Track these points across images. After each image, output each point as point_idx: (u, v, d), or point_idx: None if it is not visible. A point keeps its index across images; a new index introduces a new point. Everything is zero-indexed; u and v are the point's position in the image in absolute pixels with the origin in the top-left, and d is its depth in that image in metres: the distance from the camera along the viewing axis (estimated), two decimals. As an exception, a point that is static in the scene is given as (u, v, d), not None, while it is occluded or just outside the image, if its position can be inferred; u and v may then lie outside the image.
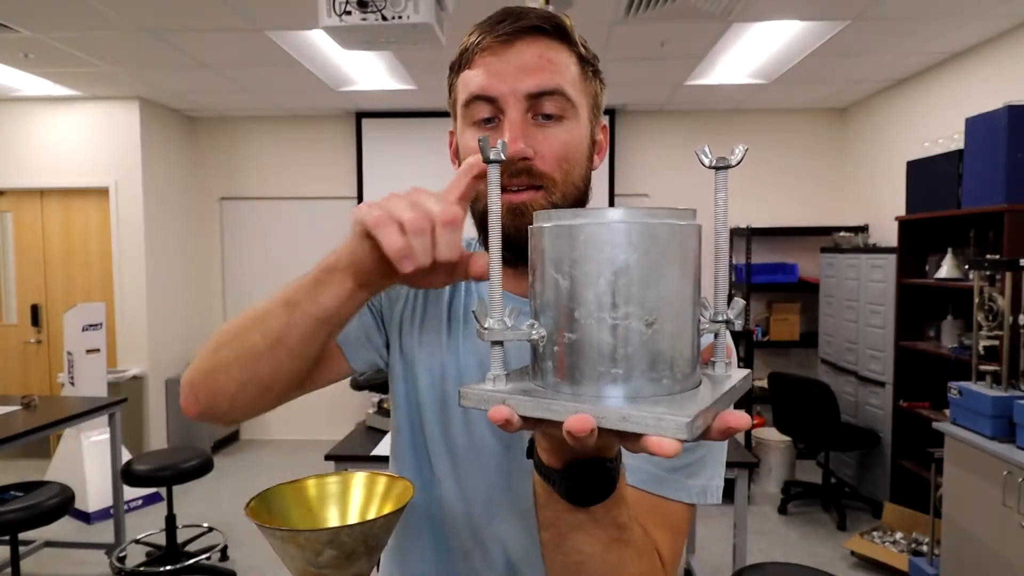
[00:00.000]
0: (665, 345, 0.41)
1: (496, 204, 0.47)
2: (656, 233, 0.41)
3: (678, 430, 0.36)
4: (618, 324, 0.40)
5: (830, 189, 5.27)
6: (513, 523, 0.76)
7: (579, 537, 0.55)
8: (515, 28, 0.68)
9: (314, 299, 0.60)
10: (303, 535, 0.59)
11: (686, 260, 0.42)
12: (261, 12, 3.14)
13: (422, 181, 3.81)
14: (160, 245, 5.03)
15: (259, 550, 3.47)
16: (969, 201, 3.12)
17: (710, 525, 3.77)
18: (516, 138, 0.67)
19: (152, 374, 4.95)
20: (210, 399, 0.68)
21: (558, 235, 0.42)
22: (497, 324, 0.44)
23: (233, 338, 0.65)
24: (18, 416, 3.01)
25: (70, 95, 4.70)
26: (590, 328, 0.41)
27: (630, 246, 0.40)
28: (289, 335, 0.62)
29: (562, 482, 0.51)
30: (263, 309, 0.64)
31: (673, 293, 0.41)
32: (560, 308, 0.42)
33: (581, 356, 0.41)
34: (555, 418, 0.40)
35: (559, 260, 0.42)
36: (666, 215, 0.42)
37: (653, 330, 0.41)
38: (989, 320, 2.61)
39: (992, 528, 2.37)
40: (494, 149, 0.47)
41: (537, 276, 0.44)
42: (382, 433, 2.82)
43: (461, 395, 0.44)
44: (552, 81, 0.68)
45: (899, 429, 3.72)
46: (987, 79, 3.59)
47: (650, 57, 3.88)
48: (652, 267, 0.41)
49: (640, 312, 0.40)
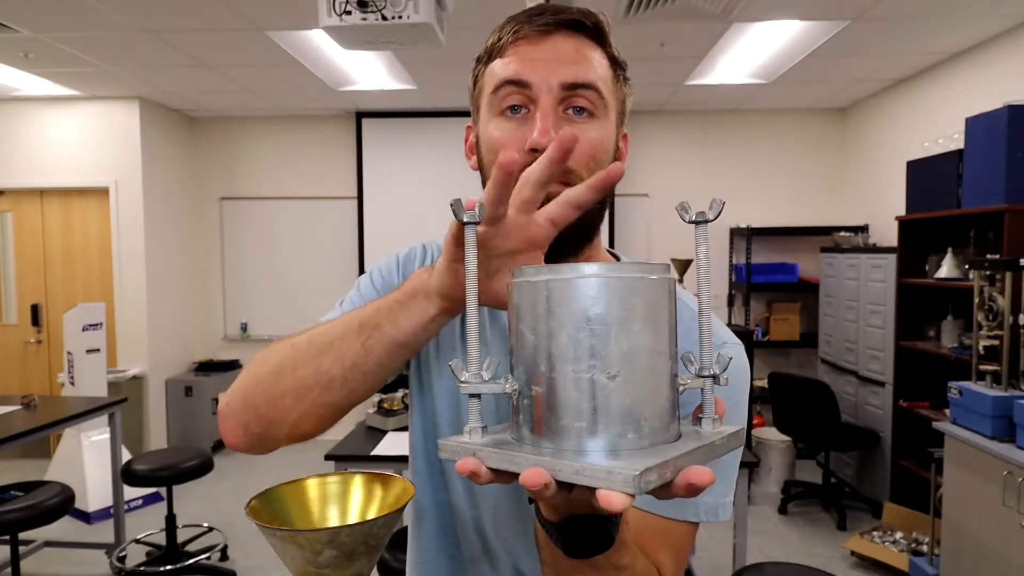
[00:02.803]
0: (631, 399, 0.41)
1: (472, 264, 0.47)
2: (620, 288, 0.41)
3: (625, 484, 0.36)
4: (581, 377, 0.41)
5: (830, 189, 5.27)
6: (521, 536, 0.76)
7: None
8: (556, 20, 0.67)
9: (395, 322, 0.59)
10: (303, 535, 0.59)
11: (655, 313, 0.42)
12: (261, 12, 3.14)
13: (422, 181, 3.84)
14: (160, 245, 5.03)
15: (259, 550, 3.47)
16: (969, 201, 3.12)
17: (710, 526, 3.77)
18: (548, 128, 0.64)
19: (152, 374, 4.95)
20: (267, 427, 0.64)
21: (526, 291, 0.43)
22: (473, 377, 0.45)
23: (300, 363, 0.62)
24: (18, 416, 3.01)
25: (70, 95, 4.70)
26: (555, 381, 0.41)
27: (592, 301, 0.41)
28: (366, 360, 0.60)
29: (559, 536, 0.51)
30: (334, 333, 0.62)
31: (639, 346, 0.41)
32: (529, 362, 0.43)
33: (548, 409, 0.42)
34: (516, 470, 0.40)
35: (527, 315, 0.43)
36: (635, 270, 0.42)
37: (616, 383, 0.40)
38: (989, 320, 2.61)
39: (992, 528, 2.37)
40: (469, 212, 0.47)
41: (512, 331, 0.45)
42: (382, 433, 2.82)
43: (439, 447, 0.45)
44: (588, 75, 0.66)
45: (899, 429, 3.72)
46: (987, 79, 3.59)
47: (650, 57, 3.88)
48: (615, 321, 0.41)
49: (602, 366, 0.40)
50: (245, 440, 0.66)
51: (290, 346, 0.65)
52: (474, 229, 0.47)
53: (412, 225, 5.25)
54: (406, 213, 5.29)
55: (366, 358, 0.60)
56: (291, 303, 5.47)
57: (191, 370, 5.35)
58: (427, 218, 5.21)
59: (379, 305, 0.61)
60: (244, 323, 5.54)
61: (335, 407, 0.63)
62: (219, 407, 0.67)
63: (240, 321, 5.54)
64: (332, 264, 5.44)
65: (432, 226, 5.14)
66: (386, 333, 0.59)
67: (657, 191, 5.31)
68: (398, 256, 0.85)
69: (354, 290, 0.83)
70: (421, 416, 0.82)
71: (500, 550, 0.76)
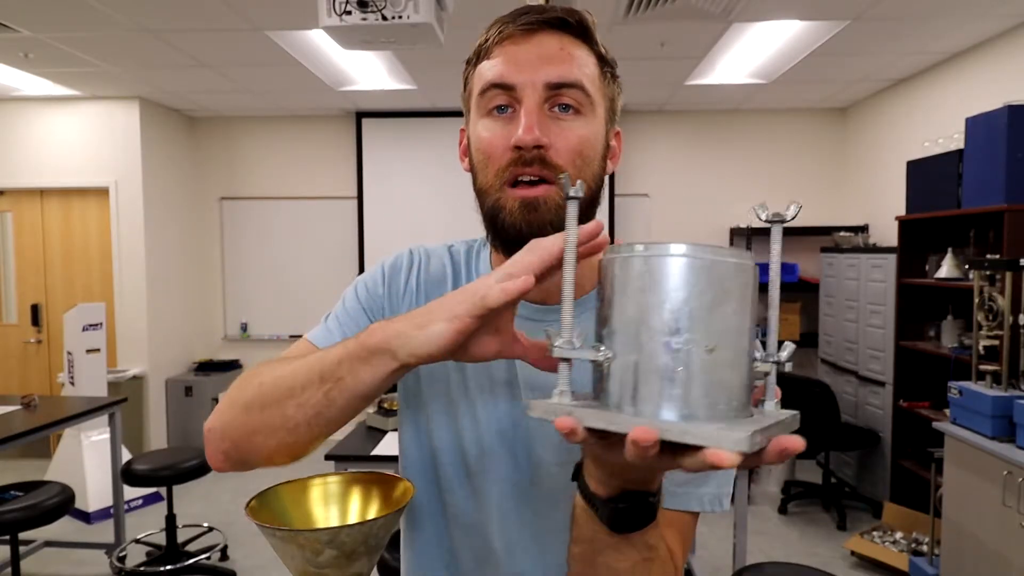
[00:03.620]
0: (723, 372, 0.44)
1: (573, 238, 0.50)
2: (719, 269, 0.45)
3: (738, 443, 0.39)
4: (681, 349, 0.43)
5: (830, 189, 5.27)
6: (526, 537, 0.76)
7: (611, 555, 0.58)
8: (539, 19, 0.68)
9: (355, 376, 0.59)
10: (303, 535, 0.59)
11: (744, 296, 0.46)
12: (261, 12, 3.14)
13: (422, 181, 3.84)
14: (160, 245, 5.03)
15: (259, 550, 3.47)
16: (969, 201, 3.12)
17: (710, 525, 3.77)
18: (532, 126, 0.65)
19: (152, 374, 4.95)
20: (243, 457, 0.66)
21: (631, 265, 0.46)
22: (566, 344, 0.48)
23: (267, 404, 0.63)
24: (18, 416, 3.01)
25: (70, 95, 4.70)
26: (654, 351, 0.44)
27: (696, 278, 0.44)
28: (328, 409, 0.61)
29: (606, 510, 0.54)
30: (297, 380, 0.62)
31: (732, 325, 0.45)
32: (628, 332, 0.45)
33: (645, 377, 0.44)
34: (619, 430, 0.42)
35: (631, 288, 0.45)
36: (728, 254, 0.45)
37: (713, 357, 0.44)
38: (989, 320, 2.61)
39: (992, 528, 2.37)
40: (574, 188, 0.50)
41: (605, 302, 0.48)
42: (382, 433, 2.82)
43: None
44: (572, 73, 0.67)
45: (899, 429, 3.72)
46: (987, 79, 3.59)
47: (650, 57, 3.88)
48: (715, 299, 0.44)
49: (702, 339, 0.43)
50: (226, 464, 0.67)
51: (258, 384, 0.65)
52: (576, 204, 0.51)
53: (412, 225, 5.25)
54: (406, 213, 5.29)
55: (328, 408, 0.61)
56: (291, 303, 5.47)
57: (191, 370, 5.35)
58: (427, 218, 5.21)
59: (341, 356, 0.60)
60: (244, 323, 5.54)
61: (304, 446, 0.64)
62: (204, 429, 0.68)
63: (240, 321, 5.54)
64: (332, 264, 5.44)
65: (432, 226, 5.14)
66: (347, 387, 0.59)
67: (657, 191, 5.30)
68: (383, 266, 0.84)
69: (340, 304, 0.82)
70: (414, 427, 0.81)
71: (503, 553, 0.76)
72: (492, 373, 0.76)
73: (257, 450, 0.64)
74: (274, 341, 5.47)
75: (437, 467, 0.78)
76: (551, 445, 0.73)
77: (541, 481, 0.74)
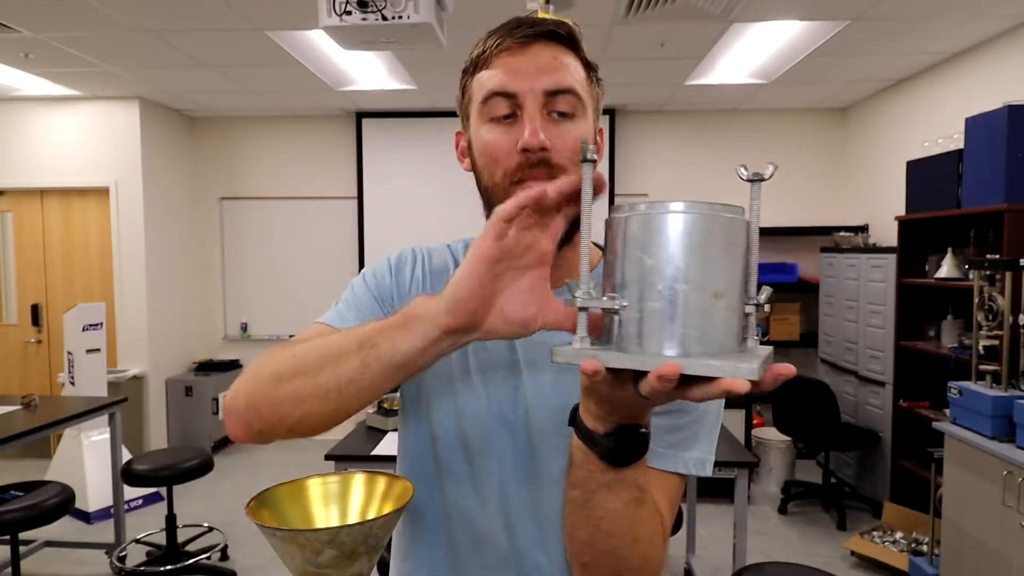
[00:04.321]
0: (724, 314, 0.49)
1: (588, 196, 0.54)
2: (723, 223, 0.50)
3: (751, 373, 0.44)
4: (694, 295, 0.49)
5: (830, 189, 5.27)
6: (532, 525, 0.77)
7: (605, 495, 0.64)
8: (534, 32, 0.73)
9: (393, 344, 0.60)
10: (303, 535, 0.59)
11: (740, 245, 0.51)
12: (261, 12, 3.14)
13: (422, 181, 3.84)
14: (160, 245, 5.03)
15: (259, 550, 3.47)
16: (969, 201, 3.12)
17: (710, 525, 3.77)
18: (536, 130, 0.71)
19: (152, 374, 4.95)
20: (267, 427, 0.67)
21: (644, 221, 0.51)
22: (584, 295, 0.53)
23: (299, 373, 0.64)
24: (18, 416, 3.01)
25: (70, 95, 4.70)
26: (672, 298, 0.49)
27: (699, 231, 0.49)
28: (362, 377, 0.61)
29: (605, 444, 0.60)
30: (334, 347, 0.63)
31: (731, 272, 0.50)
32: (643, 282, 0.50)
33: (661, 321, 0.49)
34: (644, 368, 0.47)
35: (647, 242, 0.50)
36: (723, 210, 0.51)
37: (717, 301, 0.49)
38: (989, 320, 2.61)
39: (992, 528, 2.37)
40: (591, 148, 0.54)
41: (619, 256, 0.52)
42: (382, 433, 2.82)
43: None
44: (566, 80, 0.73)
45: (899, 429, 3.72)
46: (987, 79, 3.59)
47: (650, 57, 3.88)
48: (717, 249, 0.49)
49: (708, 285, 0.49)
50: (248, 435, 0.69)
51: (291, 355, 0.66)
52: (591, 167, 0.54)
53: (412, 225, 5.26)
54: (406, 213, 5.29)
55: (362, 375, 0.61)
56: (291, 303, 5.47)
57: (191, 370, 5.35)
58: (427, 218, 5.21)
59: (380, 326, 0.61)
60: (244, 323, 5.54)
61: (330, 417, 0.65)
62: (224, 402, 0.69)
63: (240, 321, 5.54)
64: (332, 264, 5.45)
65: (432, 226, 5.14)
66: (384, 353, 0.60)
67: (657, 191, 5.30)
68: (389, 259, 0.87)
69: (348, 291, 0.85)
70: (415, 411, 0.83)
71: (502, 533, 0.77)
72: (493, 356, 0.80)
73: (283, 418, 0.65)
74: (274, 341, 5.47)
75: (436, 449, 0.80)
76: (551, 426, 0.76)
77: (541, 462, 0.77)
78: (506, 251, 0.57)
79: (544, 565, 0.77)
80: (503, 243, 0.56)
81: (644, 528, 0.67)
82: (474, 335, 0.59)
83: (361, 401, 0.63)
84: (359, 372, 0.61)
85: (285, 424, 0.66)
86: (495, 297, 0.58)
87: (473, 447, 0.79)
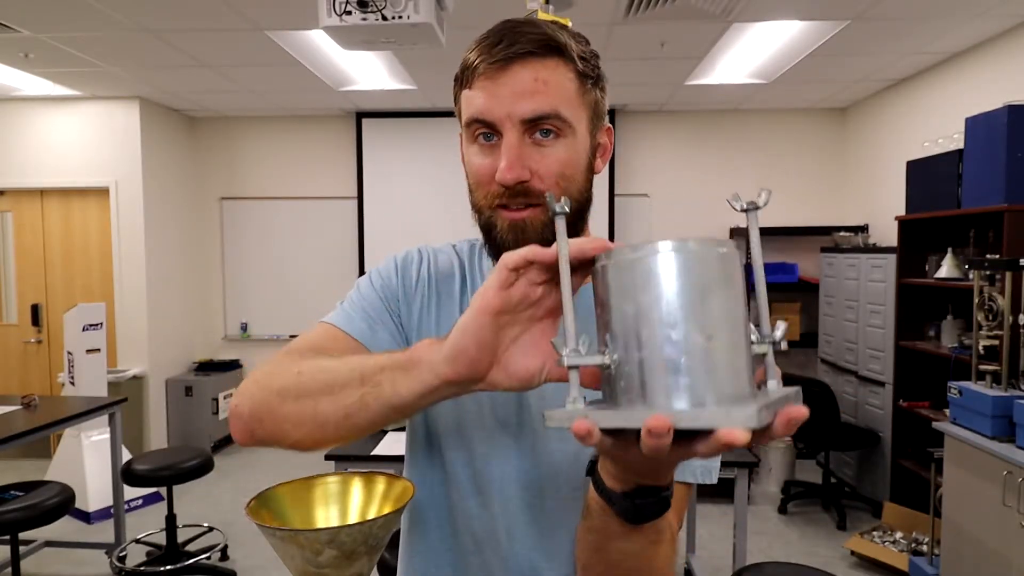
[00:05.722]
0: (723, 357, 0.45)
1: (564, 250, 0.51)
2: (704, 259, 0.46)
3: (747, 420, 0.40)
4: (680, 340, 0.45)
5: (830, 189, 5.27)
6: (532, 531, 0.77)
7: (622, 541, 0.62)
8: (512, 52, 0.68)
9: (394, 386, 0.58)
10: (303, 535, 0.59)
11: (732, 282, 0.47)
12: (261, 12, 3.14)
13: (422, 181, 3.84)
14: (160, 245, 5.03)
15: (259, 550, 3.47)
16: (969, 201, 3.12)
17: (710, 525, 3.77)
18: (512, 163, 0.68)
19: (152, 374, 4.95)
20: (269, 438, 0.67)
21: (622, 269, 0.48)
22: (572, 353, 0.49)
23: (302, 395, 0.64)
24: (18, 416, 3.01)
25: (70, 95, 4.70)
26: (656, 347, 0.45)
27: (684, 271, 0.46)
28: (359, 414, 0.60)
29: (622, 504, 0.57)
30: (338, 376, 0.62)
31: (725, 311, 0.46)
32: (629, 332, 0.47)
33: (652, 371, 0.46)
34: (632, 425, 0.44)
35: (627, 289, 0.47)
36: (710, 244, 0.47)
37: (712, 344, 0.45)
38: (989, 320, 2.61)
39: (992, 528, 2.37)
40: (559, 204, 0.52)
41: (604, 307, 0.49)
42: (382, 433, 2.82)
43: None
44: (547, 105, 0.68)
45: (899, 429, 3.72)
46: (987, 79, 3.59)
47: (650, 57, 3.88)
48: (705, 288, 0.46)
49: (698, 328, 0.45)
50: (251, 441, 0.68)
51: (296, 373, 0.65)
52: (563, 219, 0.51)
53: (412, 225, 5.25)
54: (406, 213, 5.29)
55: (359, 412, 0.60)
56: (291, 303, 5.47)
57: (191, 370, 5.35)
58: (427, 218, 5.21)
59: (384, 362, 0.60)
60: (244, 323, 5.54)
61: (328, 443, 0.65)
62: (230, 406, 0.69)
63: (240, 321, 5.54)
64: (332, 264, 5.44)
65: (432, 226, 5.14)
66: (384, 394, 0.59)
67: (657, 191, 5.31)
68: (395, 258, 0.86)
69: (354, 291, 0.84)
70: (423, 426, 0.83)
71: (507, 546, 0.77)
72: None
73: (284, 435, 0.65)
74: (274, 341, 5.47)
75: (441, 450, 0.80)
76: (556, 433, 0.75)
77: (546, 468, 0.76)
78: (511, 303, 0.54)
79: (544, 570, 0.77)
80: (508, 293, 0.53)
81: (662, 560, 0.66)
82: (477, 386, 0.57)
83: (358, 434, 0.63)
84: (357, 408, 0.60)
85: (286, 441, 0.66)
86: (499, 349, 0.55)
87: (475, 449, 0.79)
